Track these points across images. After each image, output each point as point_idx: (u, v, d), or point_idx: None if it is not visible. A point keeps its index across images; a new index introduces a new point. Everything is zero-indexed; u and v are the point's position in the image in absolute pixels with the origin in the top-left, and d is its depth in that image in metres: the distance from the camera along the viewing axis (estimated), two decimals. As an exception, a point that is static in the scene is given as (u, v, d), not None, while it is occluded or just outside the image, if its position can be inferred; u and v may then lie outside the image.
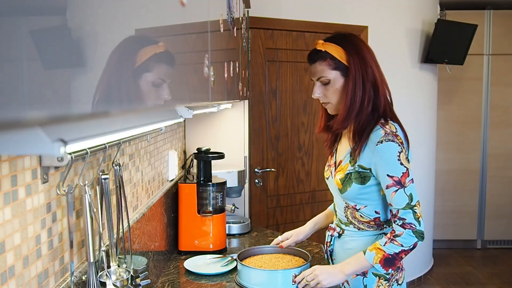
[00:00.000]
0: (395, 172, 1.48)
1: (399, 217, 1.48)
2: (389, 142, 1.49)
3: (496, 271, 4.46)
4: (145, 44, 0.61)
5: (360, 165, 1.55)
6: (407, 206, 1.48)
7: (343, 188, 1.59)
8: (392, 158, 1.48)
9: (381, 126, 1.52)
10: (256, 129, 3.16)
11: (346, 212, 1.65)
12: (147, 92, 0.63)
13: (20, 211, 0.90)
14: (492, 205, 5.00)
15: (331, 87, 1.57)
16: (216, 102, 1.52)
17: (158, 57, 0.62)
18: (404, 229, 1.47)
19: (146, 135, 1.62)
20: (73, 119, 0.48)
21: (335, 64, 1.56)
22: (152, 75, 0.63)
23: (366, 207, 1.59)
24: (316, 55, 1.59)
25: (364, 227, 1.62)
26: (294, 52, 3.26)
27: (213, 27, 1.14)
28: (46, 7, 0.41)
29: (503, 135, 4.98)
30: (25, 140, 0.48)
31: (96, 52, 0.52)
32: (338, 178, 1.61)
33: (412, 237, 1.47)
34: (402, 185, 1.48)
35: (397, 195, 1.48)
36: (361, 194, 1.57)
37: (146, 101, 0.64)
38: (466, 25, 4.07)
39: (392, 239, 1.48)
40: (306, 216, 3.36)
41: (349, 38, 1.59)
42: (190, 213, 2.14)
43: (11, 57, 0.36)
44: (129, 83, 0.56)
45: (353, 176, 1.56)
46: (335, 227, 1.72)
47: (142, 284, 1.25)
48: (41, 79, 0.40)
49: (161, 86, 0.67)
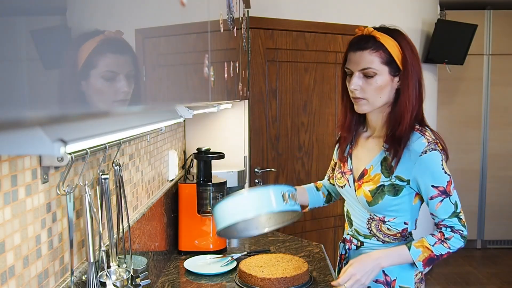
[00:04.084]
0: (440, 182, 1.40)
1: (446, 225, 1.42)
2: (432, 151, 1.39)
3: (496, 271, 4.46)
4: (85, 39, 0.54)
5: (398, 176, 1.43)
6: (453, 214, 1.41)
7: (374, 201, 1.47)
8: (437, 168, 1.39)
9: (420, 133, 1.42)
10: (256, 129, 3.16)
11: (369, 224, 1.53)
12: (100, 90, 0.56)
13: (20, 211, 0.90)
14: (492, 205, 5.00)
15: (374, 82, 1.41)
16: (216, 102, 1.52)
17: (101, 48, 0.55)
18: (454, 233, 1.41)
19: (146, 135, 1.62)
20: (73, 119, 0.48)
21: (387, 59, 1.40)
22: (99, 70, 0.56)
23: (395, 218, 1.49)
24: (368, 42, 1.41)
25: (389, 240, 1.52)
26: (294, 52, 3.26)
27: (213, 27, 1.14)
28: (46, 7, 0.41)
29: (503, 135, 4.98)
30: (25, 140, 0.48)
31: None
32: (367, 190, 1.48)
33: (460, 241, 1.41)
34: (448, 194, 1.40)
35: (442, 206, 1.41)
36: (393, 205, 1.47)
37: (102, 100, 0.57)
38: (466, 25, 4.07)
39: (442, 241, 1.41)
40: (306, 216, 3.36)
41: (403, 35, 1.45)
42: (190, 213, 2.14)
43: (11, 57, 0.36)
44: (76, 86, 0.50)
45: (386, 188, 1.45)
46: (350, 239, 1.60)
47: (142, 284, 1.25)
48: (41, 79, 0.40)
49: (115, 79, 0.59)
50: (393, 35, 1.42)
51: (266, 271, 1.75)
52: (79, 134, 0.62)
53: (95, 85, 0.55)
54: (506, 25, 4.87)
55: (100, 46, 0.55)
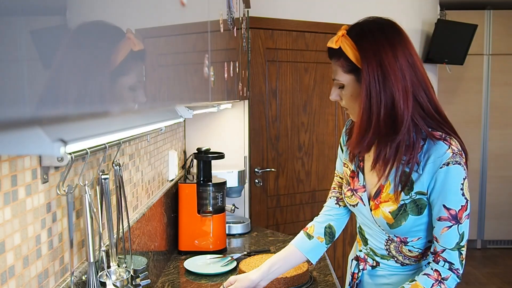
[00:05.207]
0: (454, 204, 1.20)
1: (445, 259, 1.23)
2: (456, 165, 1.19)
3: (496, 271, 4.46)
4: (118, 36, 0.49)
5: (419, 192, 1.24)
6: (456, 246, 1.22)
7: (396, 223, 1.28)
8: (456, 187, 1.20)
9: (446, 143, 1.21)
10: (256, 129, 3.16)
11: (388, 245, 1.36)
12: (123, 98, 0.52)
13: (20, 211, 0.90)
14: (492, 205, 5.00)
15: (345, 91, 1.28)
16: (216, 102, 1.52)
17: (135, 55, 0.51)
18: (452, 273, 1.23)
19: (146, 135, 1.62)
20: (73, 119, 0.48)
21: (349, 67, 1.25)
22: (130, 79, 0.52)
23: (419, 239, 1.30)
24: (331, 51, 1.30)
25: (409, 262, 1.35)
26: (294, 52, 3.26)
27: (213, 27, 1.14)
28: (46, 7, 0.41)
29: (503, 135, 4.99)
30: (25, 140, 0.48)
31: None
32: (387, 212, 1.29)
33: (455, 281, 1.24)
34: (458, 221, 1.21)
35: (448, 232, 1.22)
36: (417, 226, 1.28)
37: (120, 107, 0.54)
38: (466, 25, 4.08)
39: (440, 282, 1.22)
40: (306, 216, 3.36)
41: (371, 31, 1.25)
42: (190, 213, 2.14)
43: (11, 57, 0.36)
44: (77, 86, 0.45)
45: (408, 207, 1.26)
46: (365, 257, 1.44)
47: (142, 284, 1.25)
48: (41, 79, 0.40)
49: (138, 89, 0.57)
50: (356, 35, 1.25)
51: (266, 271, 1.75)
52: (79, 134, 0.62)
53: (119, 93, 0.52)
54: (506, 25, 4.87)
55: (131, 57, 0.51)
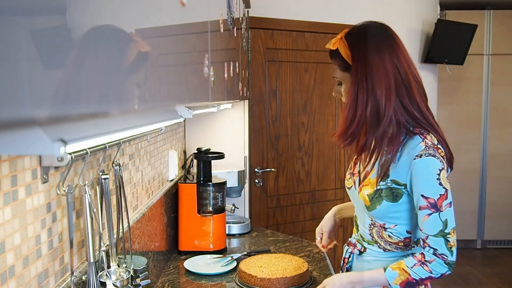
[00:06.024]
0: (431, 193, 1.28)
1: (429, 245, 1.29)
2: (429, 156, 1.28)
3: (496, 271, 4.46)
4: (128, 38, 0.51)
5: (394, 180, 1.35)
6: (440, 233, 1.28)
7: (371, 206, 1.39)
8: (431, 176, 1.28)
9: (421, 137, 1.32)
10: (256, 129, 3.16)
11: (371, 230, 1.46)
12: (124, 98, 0.54)
13: (20, 211, 0.90)
14: (492, 205, 5.00)
15: (344, 89, 1.44)
16: (216, 102, 1.52)
17: (142, 55, 0.53)
18: (436, 257, 1.28)
19: (146, 135, 1.62)
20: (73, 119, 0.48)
21: (344, 65, 1.40)
22: (137, 78, 0.54)
23: (396, 226, 1.39)
24: (331, 51, 1.45)
25: (391, 248, 1.43)
26: (294, 52, 3.26)
27: (213, 27, 1.14)
28: (46, 7, 0.41)
29: (503, 135, 4.99)
30: (25, 140, 0.48)
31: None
32: (365, 194, 1.41)
33: (443, 267, 1.29)
34: (438, 209, 1.27)
35: (429, 220, 1.28)
36: (392, 212, 1.38)
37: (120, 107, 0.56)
38: (466, 25, 4.08)
39: (423, 263, 1.29)
40: (306, 216, 3.36)
41: (363, 34, 1.38)
42: (190, 213, 2.14)
43: (11, 57, 0.36)
44: (119, 86, 0.48)
45: (384, 192, 1.36)
46: (355, 243, 1.54)
47: (142, 284, 1.25)
48: (41, 79, 0.40)
49: (142, 89, 0.59)
50: (350, 38, 1.39)
51: (266, 271, 1.75)
52: (79, 134, 0.62)
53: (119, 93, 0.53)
54: (506, 25, 4.87)
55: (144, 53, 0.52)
